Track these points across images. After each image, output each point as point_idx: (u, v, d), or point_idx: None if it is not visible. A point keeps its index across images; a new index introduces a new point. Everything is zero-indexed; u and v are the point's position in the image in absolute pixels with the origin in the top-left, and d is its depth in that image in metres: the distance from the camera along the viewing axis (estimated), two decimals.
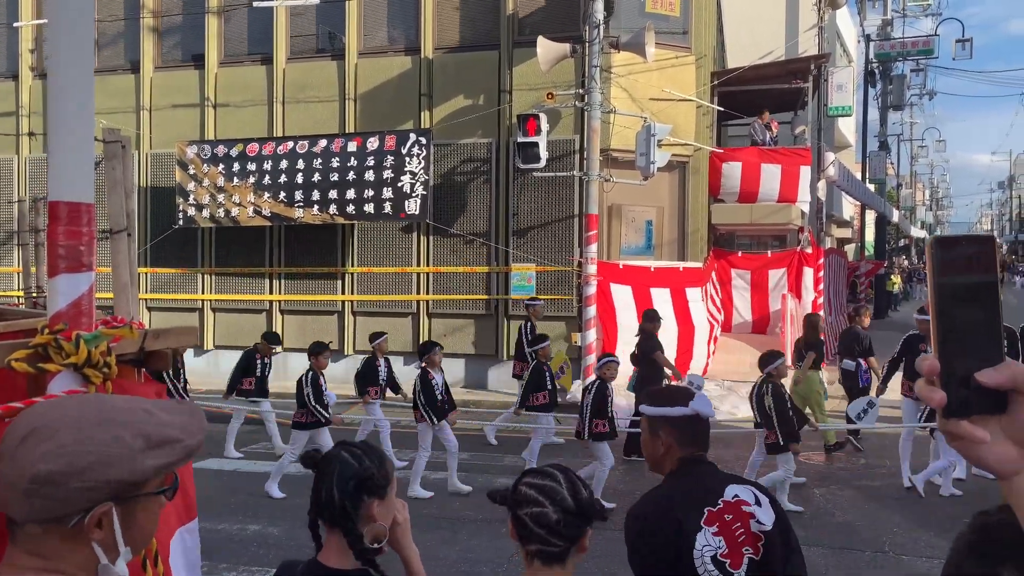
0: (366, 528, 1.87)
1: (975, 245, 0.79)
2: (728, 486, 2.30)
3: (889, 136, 31.36)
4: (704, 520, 2.23)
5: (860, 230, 29.50)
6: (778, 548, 2.21)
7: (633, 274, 12.65)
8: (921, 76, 34.86)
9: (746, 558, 2.21)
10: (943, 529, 6.53)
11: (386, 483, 1.89)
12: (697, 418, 2.38)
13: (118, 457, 1.05)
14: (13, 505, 1.05)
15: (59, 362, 1.47)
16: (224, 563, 5.87)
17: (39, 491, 1.02)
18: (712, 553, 2.21)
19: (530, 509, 1.73)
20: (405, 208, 12.54)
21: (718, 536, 2.22)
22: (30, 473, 1.02)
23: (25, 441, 1.04)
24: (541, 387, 8.47)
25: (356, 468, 1.87)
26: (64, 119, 1.51)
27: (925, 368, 0.80)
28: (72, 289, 1.48)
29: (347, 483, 1.86)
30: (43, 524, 1.05)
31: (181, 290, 14.45)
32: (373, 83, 13.51)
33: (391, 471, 1.93)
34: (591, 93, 11.53)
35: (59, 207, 1.49)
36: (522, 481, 1.81)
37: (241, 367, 9.61)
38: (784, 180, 13.93)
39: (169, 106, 14.40)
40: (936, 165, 68.09)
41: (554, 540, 1.72)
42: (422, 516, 7.02)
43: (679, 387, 2.68)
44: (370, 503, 1.86)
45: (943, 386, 0.79)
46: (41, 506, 1.03)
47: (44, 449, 1.03)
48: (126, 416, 1.09)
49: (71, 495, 1.03)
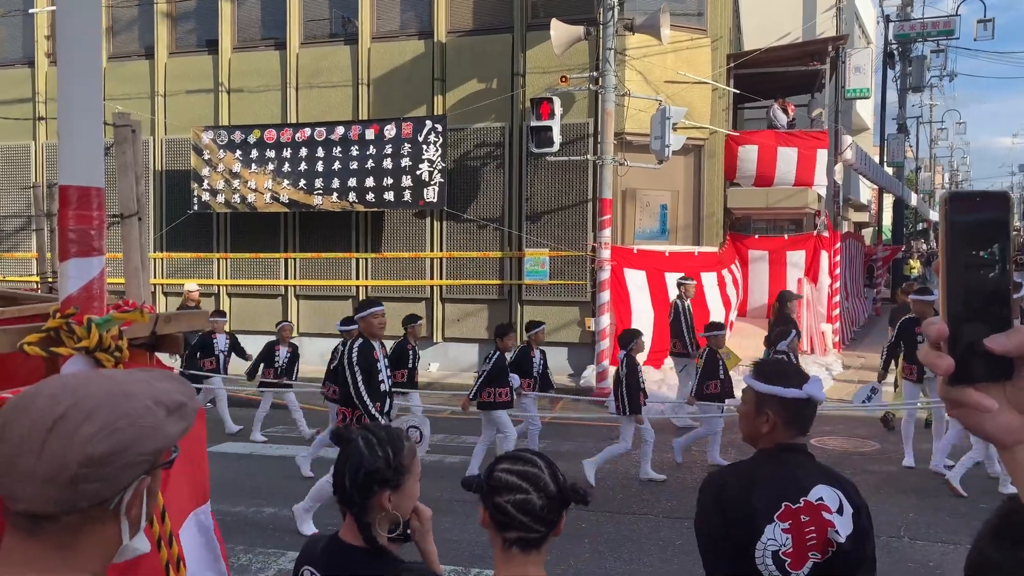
0: (379, 516, 1.89)
1: (989, 203, 0.76)
2: (816, 485, 2.21)
3: (908, 119, 30.97)
4: (779, 514, 2.16)
5: (877, 214, 29.21)
6: (846, 557, 2.14)
7: (647, 259, 12.59)
8: (941, 57, 34.32)
9: (810, 562, 2.14)
10: (958, 515, 6.49)
11: (399, 474, 1.90)
12: (808, 402, 2.30)
13: (152, 427, 1.02)
14: (50, 498, 0.97)
15: (71, 346, 1.48)
16: (241, 545, 5.93)
17: (91, 475, 0.97)
18: (776, 548, 2.15)
19: (512, 496, 1.69)
20: (424, 196, 12.57)
21: (787, 534, 2.15)
22: (80, 457, 0.96)
23: (57, 428, 0.97)
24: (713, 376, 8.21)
25: (366, 459, 1.88)
26: (74, 103, 1.51)
27: (933, 333, 0.77)
28: (83, 273, 1.49)
29: (356, 473, 1.88)
30: (85, 511, 0.99)
31: (196, 275, 14.54)
32: (386, 68, 13.48)
33: (408, 460, 1.93)
34: (605, 76, 11.44)
35: (69, 191, 1.50)
36: (499, 467, 1.76)
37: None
38: (801, 163, 13.80)
39: (183, 91, 14.44)
40: (956, 148, 67.24)
41: (536, 527, 1.70)
42: (434, 500, 7.07)
43: (793, 366, 2.55)
44: (380, 494, 1.88)
45: (950, 351, 0.76)
46: (92, 491, 0.98)
47: (90, 431, 0.97)
48: (138, 386, 1.06)
49: (120, 473, 0.99)
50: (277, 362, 9.42)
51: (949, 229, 0.76)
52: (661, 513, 6.64)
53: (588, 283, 12.35)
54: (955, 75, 38.54)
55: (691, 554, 5.58)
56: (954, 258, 0.76)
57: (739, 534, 2.19)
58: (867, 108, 26.95)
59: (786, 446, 2.29)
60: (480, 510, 1.75)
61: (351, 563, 1.92)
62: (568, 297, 12.59)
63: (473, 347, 13.14)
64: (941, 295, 0.77)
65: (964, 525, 6.24)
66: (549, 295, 12.73)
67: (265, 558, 5.69)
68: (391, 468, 1.88)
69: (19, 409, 0.99)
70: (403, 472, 1.91)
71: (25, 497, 0.97)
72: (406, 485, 1.93)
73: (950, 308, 0.76)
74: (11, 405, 1.00)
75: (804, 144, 13.80)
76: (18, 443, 0.96)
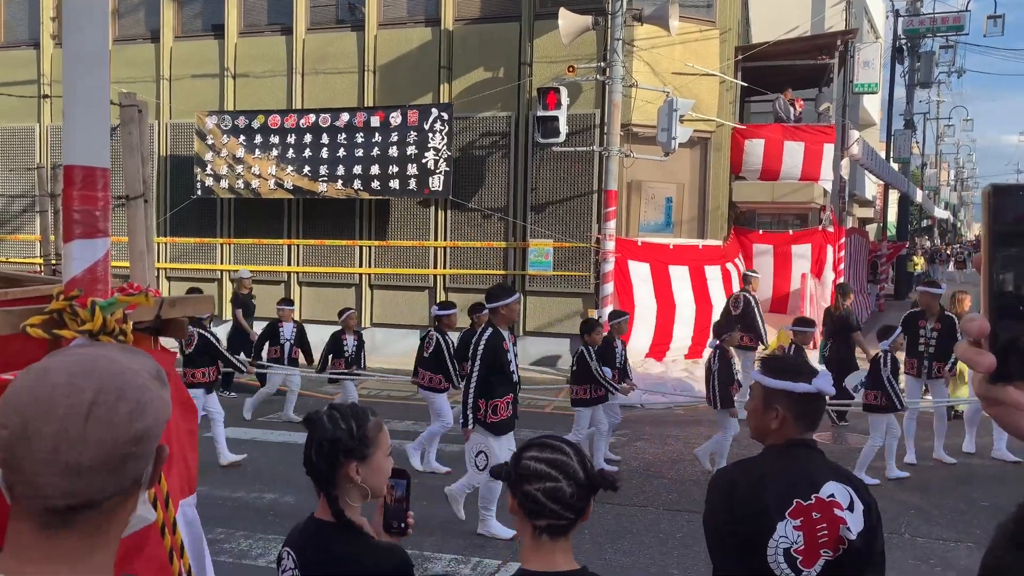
0: (348, 488, 1.96)
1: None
2: (828, 482, 2.19)
3: (915, 115, 30.82)
4: (790, 512, 2.14)
5: (882, 210, 29.11)
6: (857, 555, 2.13)
7: (651, 251, 12.56)
8: (950, 53, 34.14)
9: (822, 559, 2.13)
10: (960, 512, 6.49)
11: (364, 446, 1.96)
12: (818, 396, 2.28)
13: (161, 398, 1.01)
14: (98, 485, 0.93)
15: (74, 328, 1.46)
16: (242, 531, 5.93)
17: (137, 452, 0.95)
18: (787, 546, 2.13)
19: (542, 484, 1.70)
20: (429, 184, 12.53)
21: (799, 531, 2.13)
22: (128, 437, 0.93)
23: (94, 414, 0.93)
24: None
25: (330, 430, 1.95)
26: (79, 82, 1.48)
27: (975, 329, 0.74)
28: (87, 255, 1.47)
29: (321, 445, 1.94)
30: (126, 491, 0.97)
31: (199, 260, 14.53)
32: (392, 55, 13.41)
33: (373, 434, 1.98)
34: (613, 67, 11.38)
35: (74, 171, 1.47)
36: (527, 455, 1.76)
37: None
38: (807, 158, 13.73)
39: (188, 76, 14.39)
40: (962, 145, 66.96)
41: (566, 514, 1.71)
42: (438, 489, 7.07)
43: (803, 360, 2.51)
44: (347, 465, 1.94)
45: (991, 348, 0.74)
46: (135, 469, 0.96)
47: (127, 409, 0.94)
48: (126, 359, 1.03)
49: (154, 446, 0.99)
50: (346, 351, 9.10)
51: (992, 222, 0.74)
52: (661, 506, 6.64)
53: (592, 274, 12.33)
54: (963, 71, 38.32)
55: (691, 547, 5.59)
56: (996, 252, 0.73)
57: (750, 531, 2.17)
58: (874, 103, 26.81)
59: (796, 442, 2.27)
60: (509, 498, 1.75)
61: (321, 538, 1.99)
62: (571, 288, 12.56)
63: None
64: (983, 291, 0.75)
65: (964, 522, 6.23)
66: (552, 286, 12.71)
67: (265, 544, 5.70)
68: (354, 439, 1.94)
69: (39, 403, 0.92)
70: (368, 444, 1.97)
71: (71, 490, 0.91)
72: (373, 458, 1.98)
73: (992, 304, 0.74)
74: (22, 401, 0.93)
75: (811, 138, 13.73)
76: (55, 438, 0.91)
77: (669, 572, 5.34)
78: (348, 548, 1.96)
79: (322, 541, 1.99)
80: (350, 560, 1.94)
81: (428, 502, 6.61)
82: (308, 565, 1.99)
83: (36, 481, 0.91)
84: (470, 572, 5.28)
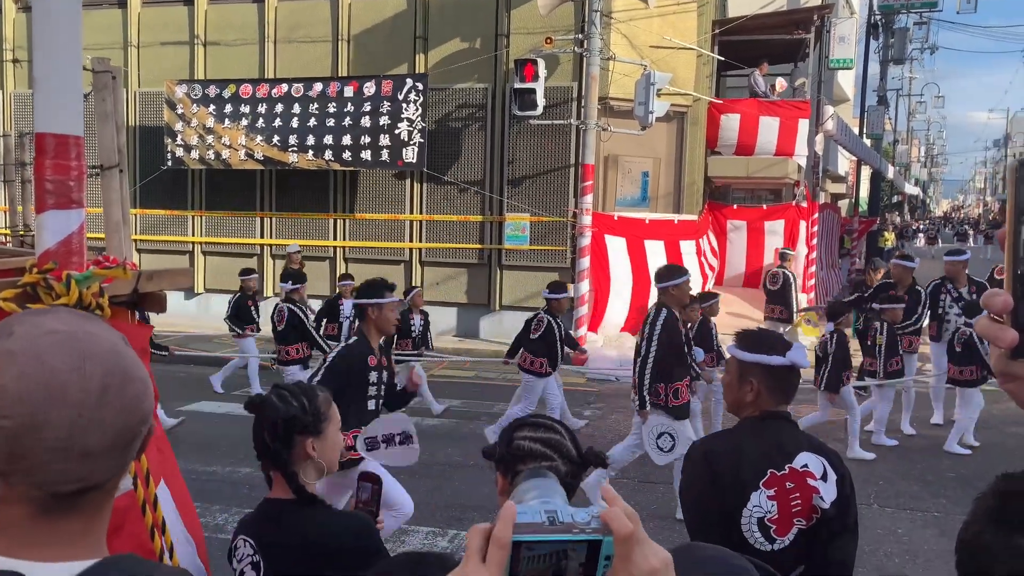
0: (304, 465, 1.96)
1: None
2: (801, 453, 2.22)
3: (888, 91, 31.03)
4: (764, 482, 2.17)
5: (855, 185, 29.39)
6: (830, 524, 2.16)
7: (628, 226, 12.58)
8: (924, 30, 34.34)
9: (795, 528, 2.16)
10: (926, 483, 6.64)
11: (317, 420, 1.98)
12: (792, 369, 2.30)
13: (146, 370, 1.01)
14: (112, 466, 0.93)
15: (49, 303, 1.41)
16: (217, 504, 5.90)
17: (143, 432, 0.96)
18: (761, 516, 2.16)
19: (537, 463, 1.68)
20: (403, 156, 12.39)
21: (772, 501, 2.16)
22: (141, 416, 0.95)
23: (107, 397, 0.91)
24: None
25: (282, 410, 1.95)
26: (50, 46, 1.42)
27: (998, 304, 0.74)
28: (61, 226, 1.42)
29: (275, 425, 1.95)
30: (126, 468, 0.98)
31: (170, 232, 14.30)
32: (367, 24, 13.19)
33: (324, 408, 2.01)
34: (591, 39, 11.29)
35: (46, 139, 1.42)
36: (520, 435, 1.74)
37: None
38: (782, 133, 13.78)
39: (157, 43, 14.04)
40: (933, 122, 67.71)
41: None
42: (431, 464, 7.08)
43: (776, 334, 2.52)
44: (303, 442, 1.95)
45: (1014, 324, 0.73)
46: (138, 447, 0.97)
47: (135, 390, 0.95)
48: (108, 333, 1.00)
49: (153, 424, 0.99)
50: (413, 332, 8.67)
51: (1017, 197, 0.73)
52: (636, 478, 6.70)
53: (568, 249, 12.32)
54: (936, 48, 38.60)
55: (666, 519, 5.66)
56: (1021, 227, 0.73)
57: (725, 502, 2.19)
58: (848, 79, 26.92)
59: (770, 413, 2.30)
60: (499, 478, 1.72)
61: (282, 516, 1.97)
62: (548, 263, 12.56)
63: (452, 311, 13.09)
64: (1007, 265, 0.74)
65: (931, 494, 6.37)
66: (529, 260, 12.69)
67: (241, 517, 5.67)
68: (308, 414, 1.96)
69: (48, 389, 0.89)
70: (322, 419, 1.99)
71: (81, 475, 0.90)
72: (327, 432, 2.01)
73: (1016, 279, 0.73)
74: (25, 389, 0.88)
75: (786, 114, 13.77)
76: (69, 426, 0.89)
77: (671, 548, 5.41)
78: (316, 519, 1.95)
79: (287, 518, 1.97)
80: (319, 530, 1.94)
81: (405, 476, 6.62)
82: (272, 547, 1.95)
83: (47, 468, 0.89)
84: (447, 545, 5.30)
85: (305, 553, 1.90)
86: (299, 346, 7.82)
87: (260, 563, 1.94)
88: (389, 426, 3.45)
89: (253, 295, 9.81)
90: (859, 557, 2.32)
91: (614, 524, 0.73)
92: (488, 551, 0.71)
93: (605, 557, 0.72)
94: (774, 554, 2.17)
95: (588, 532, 0.71)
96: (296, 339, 7.77)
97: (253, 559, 1.95)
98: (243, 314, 9.63)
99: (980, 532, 0.96)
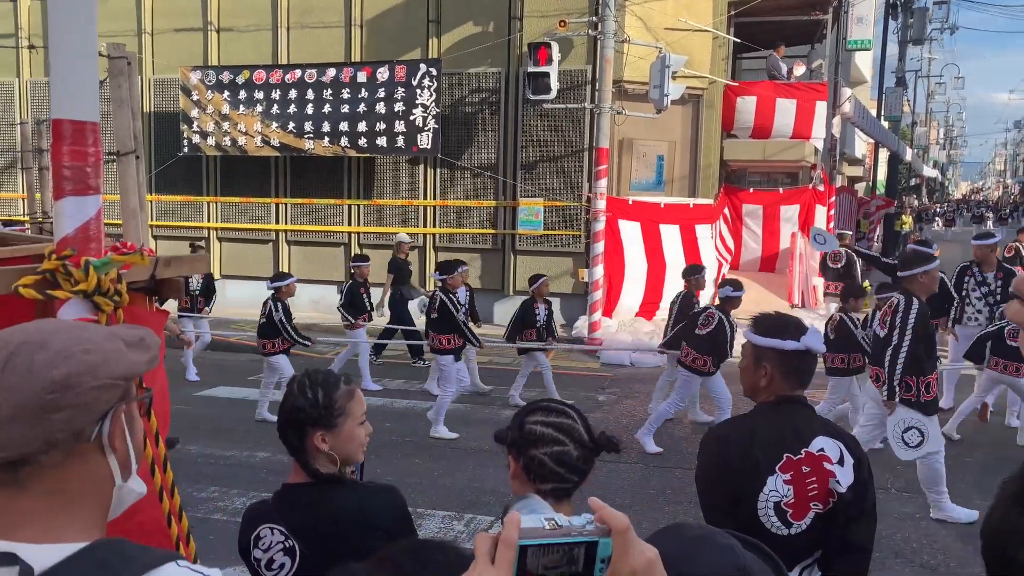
0: (318, 457, 1.93)
1: None
2: (817, 437, 2.21)
3: (906, 72, 30.61)
4: (780, 466, 2.17)
5: (872, 168, 29.08)
6: (848, 508, 2.15)
7: (642, 210, 12.51)
8: (944, 9, 33.82)
9: (812, 512, 2.16)
10: (946, 468, 6.58)
11: (329, 415, 1.92)
12: (807, 354, 2.28)
13: (115, 352, 0.98)
14: (19, 437, 0.91)
15: (68, 289, 1.42)
16: (236, 488, 5.96)
17: (60, 400, 0.92)
18: (777, 500, 2.16)
19: (549, 448, 1.69)
20: (417, 142, 12.38)
21: (789, 485, 2.16)
22: (44, 383, 0.91)
23: (12, 362, 0.92)
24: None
25: (296, 399, 1.92)
26: (67, 33, 1.42)
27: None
28: (79, 212, 1.42)
29: (286, 414, 1.93)
30: (65, 446, 0.94)
31: (186, 218, 14.38)
32: (380, 8, 13.14)
33: (342, 402, 1.95)
34: (605, 21, 11.19)
35: (63, 125, 1.42)
36: (532, 420, 1.74)
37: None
38: (799, 116, 13.65)
39: (171, 30, 14.06)
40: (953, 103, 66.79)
41: (572, 477, 1.71)
42: (431, 445, 7.12)
43: (792, 318, 2.51)
44: (313, 434, 1.91)
45: None
46: (63, 419, 0.92)
47: (45, 356, 0.92)
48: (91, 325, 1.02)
49: (91, 398, 0.94)
50: (537, 321, 8.46)
51: None
52: (652, 463, 6.71)
53: (582, 234, 12.28)
54: (956, 28, 38.01)
55: (680, 503, 5.66)
56: None
57: (741, 486, 2.19)
58: (866, 60, 26.57)
59: (786, 398, 2.29)
60: (511, 462, 1.73)
61: (311, 499, 1.93)
62: (562, 248, 12.53)
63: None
64: None
65: (950, 477, 6.33)
66: (543, 245, 12.67)
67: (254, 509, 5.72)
68: (319, 408, 1.91)
69: None
70: (336, 413, 1.93)
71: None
72: (343, 427, 1.94)
73: None
74: None
75: (803, 96, 13.62)
76: None
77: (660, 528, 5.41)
78: (349, 497, 1.94)
79: (317, 500, 1.94)
80: (355, 508, 1.92)
81: (421, 460, 6.66)
82: (306, 529, 1.92)
83: None
84: (463, 528, 5.33)
85: (343, 531, 1.88)
86: (451, 336, 7.61)
87: (295, 547, 1.90)
88: None
89: (365, 282, 9.50)
90: (877, 541, 2.31)
91: (612, 520, 0.80)
92: (497, 552, 0.77)
93: (601, 560, 0.80)
94: (791, 538, 2.17)
95: (586, 534, 0.79)
96: (448, 330, 7.56)
97: (285, 544, 1.92)
98: (357, 302, 9.35)
99: (1005, 516, 0.95)
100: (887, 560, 4.87)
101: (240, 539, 1.98)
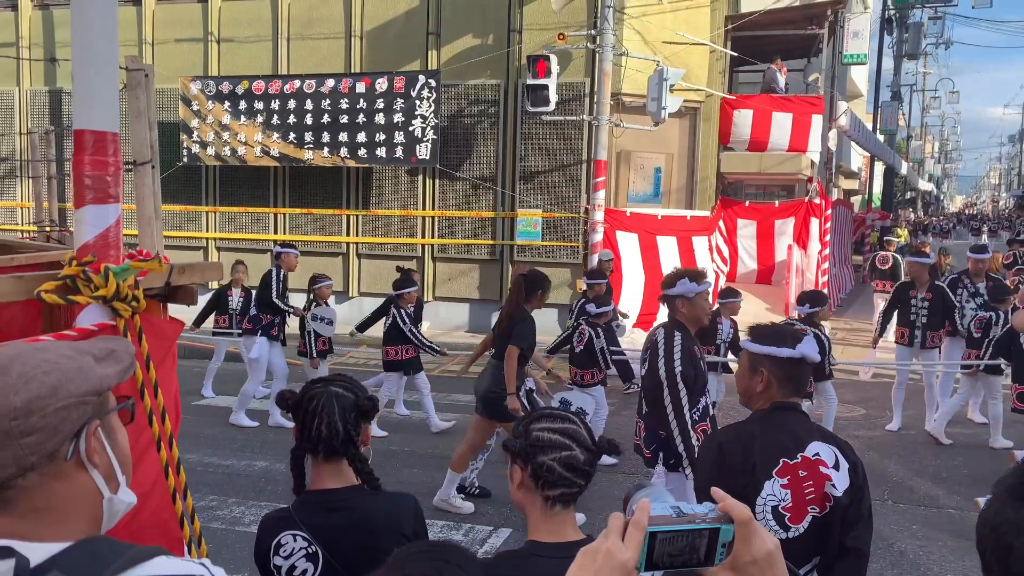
0: (365, 450, 2.05)
1: None
2: (812, 442, 2.25)
3: (902, 86, 30.82)
4: (777, 471, 2.21)
5: (868, 181, 29.23)
6: (844, 512, 2.19)
7: (640, 222, 12.57)
8: (939, 24, 34.08)
9: (809, 516, 2.19)
10: (940, 479, 6.62)
11: (375, 408, 2.09)
12: (802, 362, 2.32)
13: (78, 370, 0.98)
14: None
15: (88, 295, 1.45)
16: (233, 498, 5.97)
17: (24, 425, 0.92)
18: (775, 504, 2.19)
19: (558, 454, 1.72)
20: (416, 153, 12.44)
21: (786, 489, 2.20)
22: (6, 410, 0.92)
23: None
24: None
25: (354, 400, 2.03)
26: (89, 47, 1.46)
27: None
28: (99, 220, 1.46)
29: (346, 414, 2.01)
30: (40, 468, 0.95)
31: (185, 228, 14.41)
32: (380, 20, 13.23)
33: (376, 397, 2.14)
34: (603, 35, 11.28)
35: (84, 136, 1.46)
36: (538, 427, 1.76)
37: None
38: (795, 129, 13.74)
39: (172, 40, 14.13)
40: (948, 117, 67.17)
41: (579, 481, 1.74)
42: (429, 455, 7.13)
43: (788, 327, 2.55)
44: (366, 428, 2.06)
45: None
46: (32, 443, 0.93)
47: (5, 383, 0.93)
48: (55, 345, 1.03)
49: (57, 419, 0.94)
50: (719, 337, 7.70)
51: None
52: (649, 473, 6.72)
53: (580, 245, 12.33)
54: (951, 43, 38.31)
55: None
56: None
57: (738, 491, 2.22)
58: (861, 74, 26.75)
59: (781, 405, 2.33)
60: (517, 472, 1.74)
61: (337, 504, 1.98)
62: (560, 259, 12.58)
63: (464, 307, 13.14)
64: None
65: (945, 489, 6.37)
66: (541, 256, 12.71)
67: (258, 510, 5.73)
68: (371, 401, 2.06)
69: None
70: (376, 407, 2.10)
71: None
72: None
73: None
74: None
75: (799, 109, 13.72)
76: None
77: None
78: (377, 501, 2.02)
79: (344, 505, 1.99)
80: (383, 511, 2.01)
81: (420, 470, 6.68)
82: (332, 535, 1.96)
83: None
84: (462, 538, 5.34)
85: (369, 536, 1.94)
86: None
87: (318, 553, 1.94)
88: None
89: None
90: (873, 553, 2.35)
91: (735, 511, 0.86)
92: (627, 532, 0.82)
93: (722, 544, 0.85)
94: (789, 542, 2.20)
95: (709, 521, 0.84)
96: None
97: (308, 550, 1.95)
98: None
99: (1001, 508, 0.99)
100: (884, 572, 4.90)
101: (257, 548, 2.01)
